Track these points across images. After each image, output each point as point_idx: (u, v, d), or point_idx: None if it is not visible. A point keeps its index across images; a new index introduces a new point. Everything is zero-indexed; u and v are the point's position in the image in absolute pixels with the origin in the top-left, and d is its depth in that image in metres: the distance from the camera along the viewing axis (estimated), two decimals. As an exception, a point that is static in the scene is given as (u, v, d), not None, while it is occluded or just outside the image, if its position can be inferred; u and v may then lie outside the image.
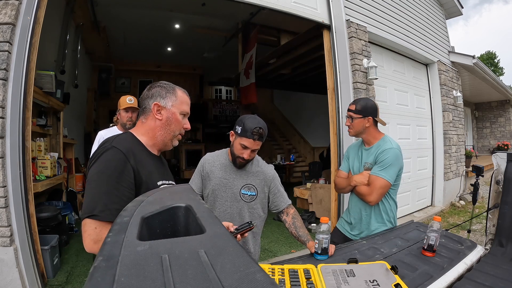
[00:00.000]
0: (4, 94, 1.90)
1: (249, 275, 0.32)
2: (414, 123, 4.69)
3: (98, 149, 0.90)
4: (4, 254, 1.91)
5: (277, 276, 1.03)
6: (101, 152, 0.88)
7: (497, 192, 1.95)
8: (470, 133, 10.75)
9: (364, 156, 1.68)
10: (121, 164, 0.87)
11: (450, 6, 5.71)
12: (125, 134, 1.01)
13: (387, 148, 1.56)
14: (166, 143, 1.03)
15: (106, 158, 0.87)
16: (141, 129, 1.02)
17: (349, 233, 1.73)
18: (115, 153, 0.88)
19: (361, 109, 1.62)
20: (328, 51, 3.49)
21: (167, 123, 1.00)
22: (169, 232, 0.53)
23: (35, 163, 2.90)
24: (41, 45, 2.18)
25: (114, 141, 0.91)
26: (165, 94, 1.00)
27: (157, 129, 1.00)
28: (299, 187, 5.28)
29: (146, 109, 1.01)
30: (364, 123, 1.62)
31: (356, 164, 1.73)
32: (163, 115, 1.00)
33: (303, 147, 9.50)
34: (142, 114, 1.03)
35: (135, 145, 0.97)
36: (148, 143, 1.02)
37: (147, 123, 1.01)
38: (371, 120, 1.62)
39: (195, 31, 6.33)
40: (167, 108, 1.00)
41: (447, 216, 4.67)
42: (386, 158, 1.53)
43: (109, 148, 0.88)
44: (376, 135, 1.66)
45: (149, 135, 1.01)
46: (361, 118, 1.61)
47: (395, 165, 1.54)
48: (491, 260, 1.33)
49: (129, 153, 0.90)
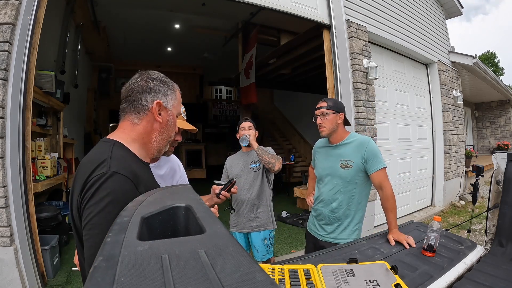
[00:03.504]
0: (4, 94, 1.90)
1: (249, 275, 0.32)
2: (414, 123, 4.70)
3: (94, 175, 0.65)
4: (4, 254, 1.91)
5: (277, 276, 1.03)
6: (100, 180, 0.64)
7: (497, 192, 1.95)
8: (470, 133, 10.75)
9: (334, 154, 1.67)
10: (131, 196, 0.63)
11: (450, 6, 5.71)
12: (117, 148, 0.74)
13: (364, 142, 1.59)
14: (161, 150, 0.85)
15: (110, 190, 0.64)
16: (132, 133, 0.79)
17: None
18: (121, 182, 0.66)
19: (333, 105, 1.64)
20: (328, 51, 3.49)
21: (166, 127, 0.83)
22: (169, 232, 0.53)
23: (35, 163, 2.90)
24: (41, 45, 2.18)
25: (113, 163, 0.68)
26: (166, 90, 0.82)
27: (153, 134, 0.80)
28: (299, 187, 5.28)
29: (141, 106, 0.78)
30: (337, 119, 1.63)
31: (324, 164, 1.72)
32: (163, 117, 0.81)
33: (303, 147, 9.50)
34: (133, 112, 0.79)
35: (133, 161, 0.76)
36: (141, 152, 0.80)
37: (141, 126, 0.79)
38: (343, 116, 1.65)
39: (195, 31, 6.33)
40: (168, 109, 0.82)
41: (447, 216, 4.67)
42: (372, 151, 1.56)
43: (111, 175, 0.65)
44: (344, 134, 1.68)
45: (143, 142, 0.80)
46: (334, 114, 1.63)
47: (378, 150, 1.59)
48: (491, 260, 1.33)
49: (136, 178, 0.70)
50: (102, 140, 0.79)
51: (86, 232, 0.63)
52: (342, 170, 1.62)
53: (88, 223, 0.63)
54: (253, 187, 2.07)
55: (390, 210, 1.50)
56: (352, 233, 1.64)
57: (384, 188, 1.54)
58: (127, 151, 0.77)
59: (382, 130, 3.89)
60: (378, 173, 1.54)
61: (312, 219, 1.84)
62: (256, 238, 2.06)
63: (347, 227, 1.64)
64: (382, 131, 3.86)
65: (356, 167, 1.58)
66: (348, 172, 1.60)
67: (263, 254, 2.06)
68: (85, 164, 0.71)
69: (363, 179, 1.61)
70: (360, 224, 1.68)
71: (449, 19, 5.96)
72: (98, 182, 0.64)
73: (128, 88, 0.81)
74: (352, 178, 1.60)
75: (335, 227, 1.66)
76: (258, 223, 2.07)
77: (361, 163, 1.57)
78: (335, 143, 1.68)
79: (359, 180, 1.61)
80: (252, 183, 2.07)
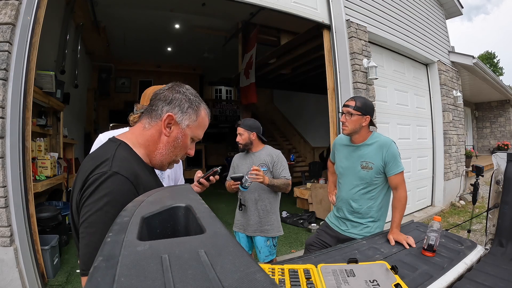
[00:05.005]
0: (4, 94, 1.90)
1: (249, 275, 0.32)
2: (414, 123, 4.70)
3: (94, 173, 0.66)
4: (4, 254, 1.91)
5: (277, 276, 1.03)
6: (100, 179, 0.64)
7: (497, 192, 1.95)
8: (470, 133, 10.75)
9: (355, 154, 1.66)
10: (130, 197, 0.63)
11: (450, 6, 5.71)
12: (122, 149, 0.75)
13: (386, 145, 1.58)
14: (163, 165, 0.83)
15: (109, 190, 0.64)
16: (140, 137, 0.79)
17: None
18: (121, 183, 0.65)
19: (361, 106, 1.57)
20: (328, 51, 3.49)
21: (173, 143, 0.80)
22: (169, 232, 0.53)
23: (35, 163, 2.90)
24: (41, 45, 2.18)
25: (114, 163, 0.68)
26: (186, 108, 0.79)
27: (159, 145, 0.79)
28: (299, 187, 5.28)
29: (156, 114, 0.78)
30: (361, 122, 1.59)
31: (345, 163, 1.72)
32: (172, 132, 0.78)
33: (303, 147, 9.50)
34: (148, 117, 0.80)
35: (136, 163, 0.75)
36: (145, 157, 0.80)
37: (150, 132, 0.79)
38: (369, 119, 1.60)
39: (195, 31, 6.33)
40: (181, 126, 0.79)
41: (447, 216, 4.67)
42: (392, 155, 1.56)
43: (111, 175, 0.65)
44: (366, 135, 1.66)
45: (149, 149, 0.80)
46: (359, 116, 1.58)
47: (398, 153, 1.59)
48: (491, 260, 1.33)
49: (136, 179, 0.69)
50: (110, 139, 0.79)
51: (82, 230, 0.64)
52: (363, 172, 1.61)
53: (85, 221, 0.63)
54: (262, 191, 2.03)
55: (399, 210, 1.53)
56: (374, 230, 1.63)
57: (400, 190, 1.56)
58: (132, 153, 0.77)
59: (382, 130, 3.88)
60: (396, 177, 1.56)
61: (333, 214, 1.84)
62: (260, 240, 2.04)
63: (367, 226, 1.64)
64: (382, 131, 3.85)
65: (376, 169, 1.58)
66: (368, 174, 1.60)
67: (266, 255, 2.04)
68: (88, 162, 0.71)
69: (383, 180, 1.62)
70: (381, 222, 1.67)
71: (449, 19, 5.96)
72: (98, 181, 0.64)
73: (155, 93, 0.81)
74: (371, 179, 1.60)
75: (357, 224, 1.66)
76: (269, 227, 2.03)
77: (381, 165, 1.57)
78: (357, 143, 1.66)
79: (378, 181, 1.61)
80: (259, 186, 2.00)
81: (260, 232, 2.02)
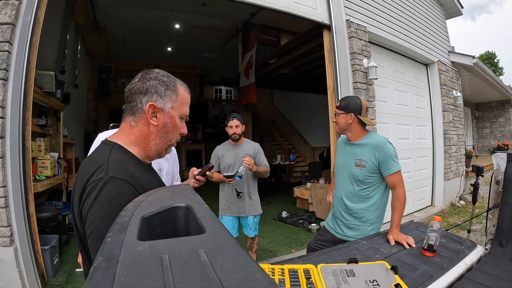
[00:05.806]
0: (4, 94, 1.90)
1: (249, 275, 0.32)
2: (414, 123, 4.69)
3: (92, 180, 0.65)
4: (4, 254, 1.91)
5: (277, 276, 1.03)
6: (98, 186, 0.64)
7: (497, 192, 1.95)
8: (470, 133, 10.75)
9: (351, 152, 1.69)
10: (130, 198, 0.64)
11: (450, 6, 5.71)
12: (115, 151, 0.74)
13: (380, 145, 1.58)
14: (160, 152, 0.83)
15: (110, 195, 0.64)
16: (130, 136, 0.79)
17: None
18: (120, 187, 0.65)
19: (344, 105, 1.66)
20: (328, 51, 3.49)
21: (164, 130, 0.79)
22: (169, 232, 0.53)
23: (35, 163, 2.90)
24: (41, 45, 2.18)
25: (110, 168, 0.67)
26: (164, 91, 0.78)
27: (151, 137, 0.79)
28: (299, 187, 5.28)
29: (136, 108, 0.77)
30: (347, 120, 1.64)
31: (342, 160, 1.75)
32: (160, 120, 0.78)
33: (303, 147, 9.49)
34: (130, 114, 0.78)
35: (132, 163, 0.75)
36: (141, 154, 0.80)
37: (137, 128, 0.78)
38: (353, 117, 1.64)
39: (195, 31, 6.33)
40: (165, 111, 0.78)
41: (447, 216, 4.67)
42: (386, 154, 1.56)
43: (108, 181, 0.65)
44: (361, 133, 1.67)
45: (142, 145, 0.79)
46: (343, 114, 1.65)
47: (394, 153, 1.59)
48: (491, 260, 1.33)
49: (134, 180, 0.69)
50: (103, 141, 0.79)
51: (92, 240, 0.63)
52: (356, 169, 1.63)
53: (93, 231, 0.63)
54: (248, 177, 2.39)
55: (398, 210, 1.53)
56: (368, 233, 1.64)
57: (398, 189, 1.57)
58: (126, 153, 0.76)
59: (382, 130, 3.88)
60: (392, 176, 1.56)
61: (330, 215, 1.87)
62: (251, 218, 2.44)
63: (361, 227, 1.65)
64: (382, 131, 3.86)
65: (369, 168, 1.59)
66: (361, 172, 1.61)
67: (253, 230, 2.45)
68: (84, 168, 0.71)
69: (377, 179, 1.62)
70: (376, 225, 1.67)
71: (449, 19, 5.96)
72: (97, 189, 0.64)
73: (127, 88, 0.80)
74: (364, 177, 1.61)
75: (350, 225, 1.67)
76: (255, 207, 2.45)
77: (375, 165, 1.58)
78: (353, 141, 1.70)
79: (371, 180, 1.61)
80: (246, 173, 2.32)
81: (252, 211, 2.42)
